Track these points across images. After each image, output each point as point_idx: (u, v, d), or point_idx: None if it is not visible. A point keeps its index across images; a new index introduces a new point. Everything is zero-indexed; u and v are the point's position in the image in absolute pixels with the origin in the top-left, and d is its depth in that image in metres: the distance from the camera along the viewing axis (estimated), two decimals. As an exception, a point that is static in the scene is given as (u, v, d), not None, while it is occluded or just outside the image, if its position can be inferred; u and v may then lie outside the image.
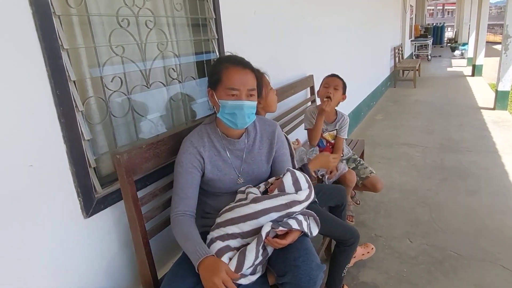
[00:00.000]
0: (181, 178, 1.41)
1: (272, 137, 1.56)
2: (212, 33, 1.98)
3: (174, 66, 1.83)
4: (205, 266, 1.19)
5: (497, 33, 24.52)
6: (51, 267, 1.22)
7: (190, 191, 1.42)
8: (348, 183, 2.46)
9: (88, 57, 1.41)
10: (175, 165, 1.44)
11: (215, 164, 1.45)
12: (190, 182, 1.42)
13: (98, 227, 1.37)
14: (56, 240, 1.23)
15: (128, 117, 1.60)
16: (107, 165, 1.50)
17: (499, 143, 4.40)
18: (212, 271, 1.16)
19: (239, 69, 1.41)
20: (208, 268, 1.18)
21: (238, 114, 1.38)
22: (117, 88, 1.52)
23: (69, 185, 1.25)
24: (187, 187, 1.41)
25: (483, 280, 2.11)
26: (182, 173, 1.41)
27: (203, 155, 1.43)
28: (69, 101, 1.22)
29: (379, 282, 2.16)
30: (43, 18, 1.12)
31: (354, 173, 2.53)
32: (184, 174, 1.41)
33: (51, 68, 1.16)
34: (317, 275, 1.26)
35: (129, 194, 1.32)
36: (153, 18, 1.66)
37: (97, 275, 1.39)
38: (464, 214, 2.83)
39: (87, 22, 1.39)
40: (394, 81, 8.96)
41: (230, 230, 1.32)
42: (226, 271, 1.16)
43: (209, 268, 1.18)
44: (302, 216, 1.39)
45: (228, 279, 1.15)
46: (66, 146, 1.22)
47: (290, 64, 2.99)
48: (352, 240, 1.83)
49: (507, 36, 5.63)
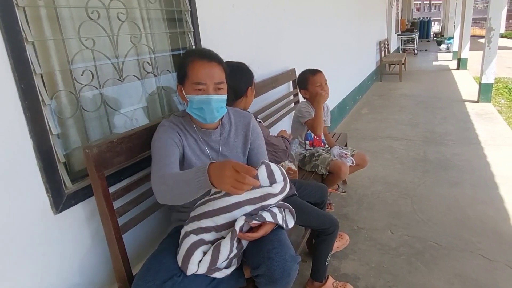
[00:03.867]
0: (162, 149, 1.34)
1: (247, 129, 1.55)
2: (188, 26, 1.95)
3: (149, 60, 1.80)
4: (212, 173, 1.07)
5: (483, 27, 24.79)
6: (23, 264, 1.20)
7: (173, 159, 1.34)
8: (341, 174, 2.47)
9: (57, 50, 1.37)
10: (152, 144, 1.39)
11: (194, 152, 1.44)
12: (171, 152, 1.35)
13: (70, 223, 1.34)
14: (26, 236, 1.20)
15: (100, 111, 1.57)
16: (79, 160, 1.47)
17: (482, 135, 4.45)
18: (220, 169, 1.05)
19: (204, 62, 1.38)
20: (215, 171, 1.06)
21: (206, 109, 1.37)
22: (88, 82, 1.49)
23: (37, 181, 1.22)
24: (169, 155, 1.34)
25: (463, 270, 2.13)
26: (161, 147, 1.35)
27: (182, 138, 1.41)
28: (34, 95, 1.19)
29: (360, 273, 2.17)
30: (5, 9, 1.10)
31: (347, 165, 2.53)
32: (164, 147, 1.35)
33: (15, 61, 1.13)
34: (291, 266, 1.26)
35: (100, 189, 1.29)
36: (125, 10, 1.63)
37: (71, 272, 1.36)
38: (446, 205, 2.86)
39: (55, 14, 1.36)
40: (380, 75, 9.01)
41: (204, 224, 1.31)
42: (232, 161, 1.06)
43: (216, 170, 1.06)
44: (277, 208, 1.38)
45: (237, 162, 1.06)
46: (32, 141, 1.20)
47: (271, 58, 2.98)
48: (332, 229, 1.83)
49: (490, 29, 5.68)
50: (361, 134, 4.80)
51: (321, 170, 2.51)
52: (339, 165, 2.48)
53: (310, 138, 2.63)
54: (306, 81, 2.56)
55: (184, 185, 1.14)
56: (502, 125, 4.87)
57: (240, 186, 1.03)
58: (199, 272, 1.26)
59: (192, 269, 1.25)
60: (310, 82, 2.54)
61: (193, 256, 1.26)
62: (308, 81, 2.55)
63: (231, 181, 1.02)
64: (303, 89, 2.60)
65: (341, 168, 2.49)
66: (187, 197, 1.17)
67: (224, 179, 1.03)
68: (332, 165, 2.49)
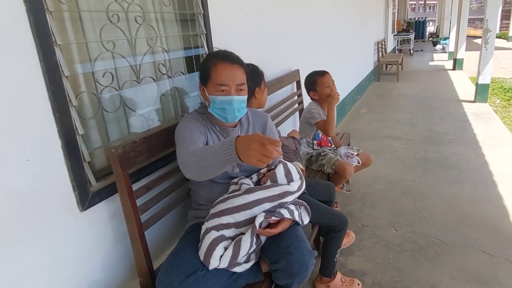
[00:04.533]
0: (188, 133, 1.40)
1: (264, 128, 1.61)
2: (201, 28, 2.00)
3: (164, 61, 1.85)
4: (239, 146, 1.07)
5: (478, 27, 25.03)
6: (54, 261, 1.25)
7: (198, 141, 1.39)
8: (346, 174, 2.53)
9: (79, 53, 1.42)
10: (177, 131, 1.44)
11: None
12: (197, 136, 1.40)
13: (94, 220, 1.39)
14: (53, 233, 1.24)
15: (119, 112, 1.62)
16: (100, 159, 1.52)
17: (479, 135, 4.53)
18: (247, 143, 1.06)
19: (227, 65, 1.45)
20: (242, 144, 1.07)
21: (228, 109, 1.42)
22: (109, 84, 1.54)
23: (65, 179, 1.27)
24: (195, 137, 1.39)
25: (465, 265, 2.20)
26: (188, 131, 1.40)
27: (206, 131, 1.48)
28: (63, 96, 1.23)
29: (366, 269, 2.23)
30: (37, 14, 1.14)
31: (352, 165, 2.59)
32: (191, 131, 1.41)
33: (46, 63, 1.17)
34: (309, 260, 1.32)
35: (124, 187, 1.34)
36: (142, 13, 1.68)
37: (94, 268, 1.41)
38: (446, 203, 2.93)
39: (78, 18, 1.40)
40: (378, 75, 9.10)
41: (224, 220, 1.36)
42: (258, 134, 1.07)
43: (243, 143, 1.07)
44: (294, 205, 1.44)
45: (263, 136, 1.06)
46: (61, 141, 1.24)
47: (277, 59, 3.03)
48: (341, 226, 1.90)
49: (487, 30, 5.77)
50: (361, 134, 4.87)
51: (327, 169, 2.57)
52: (344, 165, 2.54)
53: (317, 138, 2.70)
54: (315, 82, 2.62)
55: (211, 157, 1.14)
56: (499, 124, 4.96)
57: (266, 160, 1.03)
58: (220, 266, 1.31)
59: (214, 263, 1.30)
60: (319, 83, 2.60)
61: (215, 251, 1.31)
62: (316, 82, 2.61)
63: (257, 154, 1.03)
64: (312, 90, 2.66)
65: (346, 168, 2.55)
66: (214, 171, 1.17)
67: (251, 152, 1.04)
68: (337, 165, 2.55)
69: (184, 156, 1.29)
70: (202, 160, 1.18)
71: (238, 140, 1.09)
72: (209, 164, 1.16)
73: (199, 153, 1.22)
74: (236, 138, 1.09)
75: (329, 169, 2.56)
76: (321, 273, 2.04)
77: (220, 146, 1.12)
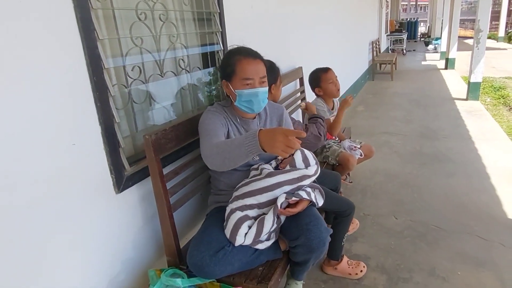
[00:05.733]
0: (211, 125, 1.51)
1: (280, 119, 1.74)
2: (217, 26, 2.12)
3: (183, 57, 1.97)
4: (263, 138, 1.18)
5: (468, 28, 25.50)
6: (91, 238, 1.36)
7: (220, 133, 1.50)
8: (349, 166, 2.66)
9: (112, 48, 1.53)
10: (201, 123, 1.55)
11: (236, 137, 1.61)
12: (220, 129, 1.52)
13: (127, 203, 1.51)
14: (92, 213, 1.36)
15: (145, 104, 1.73)
16: (129, 148, 1.63)
17: (472, 131, 4.72)
18: (271, 135, 1.17)
19: (250, 60, 1.57)
20: (267, 136, 1.18)
21: (254, 101, 1.55)
22: (137, 77, 1.66)
23: (104, 163, 1.39)
24: (218, 130, 1.50)
25: (462, 249, 2.35)
26: (211, 123, 1.52)
27: (227, 123, 1.59)
28: (104, 87, 1.35)
29: (370, 254, 2.37)
30: (83, 11, 1.25)
31: (355, 158, 2.72)
32: (214, 123, 1.52)
33: (89, 57, 1.29)
34: (326, 236, 1.45)
35: (157, 171, 1.46)
36: (165, 12, 1.80)
37: (125, 246, 1.52)
38: (443, 194, 3.09)
39: (111, 16, 1.52)
40: (372, 74, 9.28)
41: (248, 202, 1.49)
42: (282, 128, 1.21)
43: (268, 136, 1.18)
44: (310, 188, 1.57)
45: (287, 129, 1.19)
46: (101, 128, 1.36)
47: (282, 56, 3.16)
48: (348, 211, 2.03)
49: (478, 31, 5.96)
50: (359, 130, 5.02)
51: (331, 161, 2.70)
52: (347, 157, 2.68)
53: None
54: (319, 79, 2.75)
55: (235, 148, 1.25)
56: (490, 121, 5.15)
57: (289, 150, 1.16)
58: (245, 243, 1.44)
59: (240, 240, 1.43)
60: (323, 80, 2.73)
61: (240, 229, 1.43)
62: (320, 78, 2.74)
63: (282, 145, 1.15)
64: (317, 87, 2.79)
65: (349, 160, 2.68)
66: (237, 161, 1.29)
67: (276, 143, 1.15)
68: (341, 156, 2.69)
69: (208, 149, 1.41)
70: (226, 151, 1.30)
71: (261, 132, 1.20)
72: (233, 155, 1.28)
73: (222, 145, 1.34)
74: (259, 130, 1.21)
75: (333, 160, 2.69)
76: (329, 256, 2.17)
77: (244, 138, 1.23)
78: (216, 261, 1.37)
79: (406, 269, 2.20)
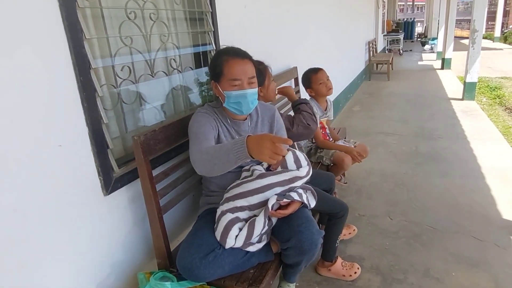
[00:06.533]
0: (201, 129, 1.48)
1: (272, 120, 1.71)
2: (209, 26, 2.10)
3: (174, 57, 1.95)
4: (251, 144, 1.17)
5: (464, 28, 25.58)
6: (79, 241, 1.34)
7: (210, 137, 1.47)
8: (344, 166, 2.65)
9: (100, 48, 1.51)
10: (191, 126, 1.52)
11: (227, 139, 1.59)
12: (209, 132, 1.49)
13: (115, 205, 1.48)
14: (80, 215, 1.33)
15: (135, 104, 1.71)
16: (118, 149, 1.61)
17: (467, 131, 4.72)
18: (259, 141, 1.15)
19: (238, 60, 1.54)
20: (254, 143, 1.16)
21: (243, 102, 1.52)
22: (127, 77, 1.63)
23: (91, 165, 1.36)
24: (207, 134, 1.47)
25: (456, 249, 2.34)
26: (200, 127, 1.49)
27: (218, 125, 1.57)
28: (91, 87, 1.33)
29: (365, 255, 2.36)
30: (69, 10, 1.23)
31: (350, 157, 2.70)
32: (203, 126, 1.49)
33: (76, 56, 1.26)
34: (318, 238, 1.43)
35: (146, 173, 1.44)
36: (156, 11, 1.77)
37: (115, 249, 1.50)
38: (438, 194, 3.09)
39: (100, 15, 1.49)
40: (369, 74, 9.29)
41: (239, 204, 1.47)
42: (269, 134, 1.17)
43: (255, 142, 1.16)
44: (302, 190, 1.55)
45: (274, 136, 1.17)
46: (88, 129, 1.33)
47: (277, 56, 3.14)
48: (342, 213, 2.01)
49: (474, 31, 5.97)
50: (355, 130, 5.01)
51: (325, 161, 2.69)
52: (342, 156, 2.67)
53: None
54: (310, 80, 2.73)
55: (224, 155, 1.23)
56: (486, 121, 5.16)
57: (277, 157, 1.15)
58: (236, 245, 1.42)
59: (230, 243, 1.41)
60: (313, 80, 2.71)
61: (230, 232, 1.41)
62: (311, 80, 2.72)
63: (269, 152, 1.14)
64: (308, 88, 2.77)
65: (343, 159, 2.67)
66: (225, 167, 1.27)
67: (263, 150, 1.13)
68: (335, 156, 2.68)
69: (196, 155, 1.38)
70: (214, 157, 1.28)
71: (249, 139, 1.18)
72: (222, 162, 1.26)
73: (211, 151, 1.31)
74: (248, 136, 1.19)
75: (327, 160, 2.68)
76: (323, 257, 2.16)
77: (232, 144, 1.21)
78: (206, 263, 1.35)
79: (401, 270, 2.19)
